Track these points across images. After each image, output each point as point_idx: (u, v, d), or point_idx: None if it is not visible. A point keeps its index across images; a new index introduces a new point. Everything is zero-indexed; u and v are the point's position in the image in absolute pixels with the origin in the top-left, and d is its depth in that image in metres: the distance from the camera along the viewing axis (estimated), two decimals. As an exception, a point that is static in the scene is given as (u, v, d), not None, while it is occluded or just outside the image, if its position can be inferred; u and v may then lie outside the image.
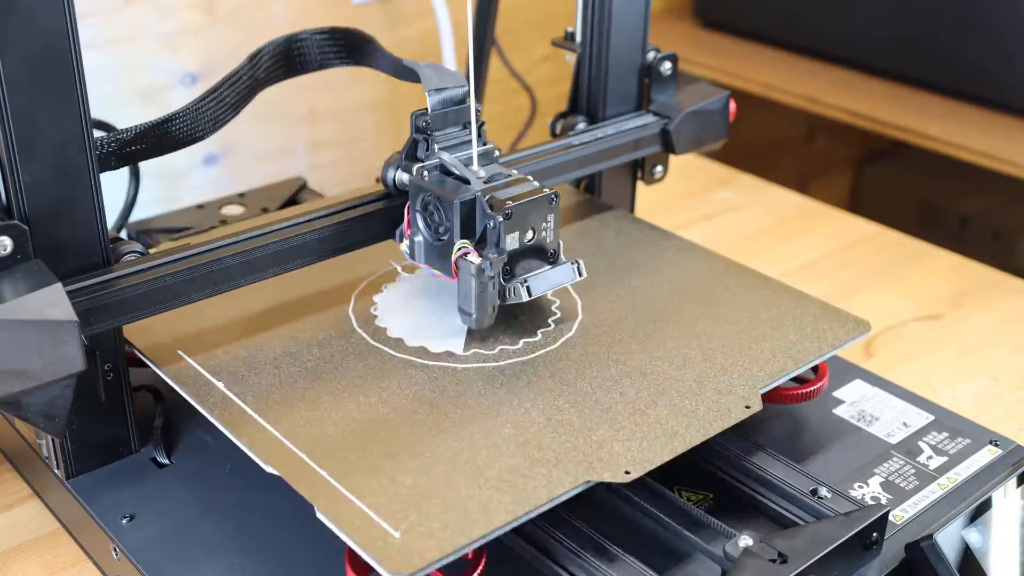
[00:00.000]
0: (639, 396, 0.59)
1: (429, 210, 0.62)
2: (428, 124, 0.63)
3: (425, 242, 0.63)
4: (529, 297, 0.61)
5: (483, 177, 0.62)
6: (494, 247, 0.60)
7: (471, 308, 0.60)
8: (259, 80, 0.68)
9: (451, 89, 0.64)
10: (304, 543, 0.57)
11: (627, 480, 0.52)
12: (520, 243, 0.61)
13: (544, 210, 0.62)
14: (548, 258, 0.63)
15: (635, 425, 0.56)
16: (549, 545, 0.56)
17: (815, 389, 0.66)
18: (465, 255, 0.60)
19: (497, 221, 0.60)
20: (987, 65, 1.24)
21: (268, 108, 1.01)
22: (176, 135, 0.64)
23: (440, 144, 0.64)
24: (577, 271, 0.63)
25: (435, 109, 0.64)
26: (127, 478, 0.62)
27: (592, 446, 0.54)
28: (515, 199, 0.60)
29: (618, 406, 0.58)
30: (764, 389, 0.59)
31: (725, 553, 0.53)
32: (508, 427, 0.56)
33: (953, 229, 1.44)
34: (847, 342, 0.64)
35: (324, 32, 0.70)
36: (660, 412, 0.57)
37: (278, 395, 0.58)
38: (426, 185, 0.62)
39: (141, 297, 0.58)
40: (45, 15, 0.52)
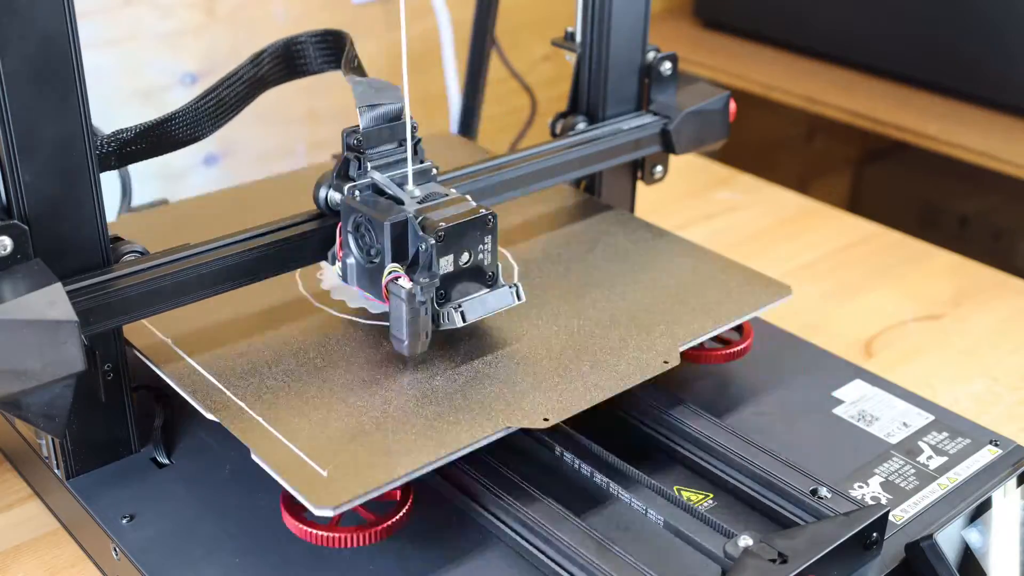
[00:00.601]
0: (564, 353, 0.61)
1: (361, 231, 0.60)
2: (360, 142, 0.61)
3: (357, 264, 0.61)
4: (463, 323, 0.60)
5: (418, 197, 0.60)
6: (426, 271, 0.58)
7: (403, 335, 0.58)
8: (260, 81, 0.68)
9: (386, 105, 0.62)
10: (304, 543, 0.57)
11: (545, 427, 0.56)
12: (455, 266, 0.59)
13: (481, 231, 0.60)
14: (486, 281, 0.61)
15: (558, 378, 0.59)
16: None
17: (739, 350, 0.69)
18: (396, 279, 0.57)
19: (429, 243, 0.57)
20: (987, 65, 1.24)
21: (268, 108, 1.01)
22: (176, 135, 0.64)
23: (374, 162, 0.61)
24: (516, 295, 0.62)
25: (368, 126, 0.61)
26: (127, 478, 0.62)
27: (515, 396, 0.58)
28: (448, 220, 0.58)
29: (543, 361, 0.61)
30: (684, 346, 0.62)
31: (725, 553, 0.53)
32: (438, 379, 0.59)
33: (953, 229, 1.44)
34: (768, 305, 0.67)
35: (317, 35, 0.70)
36: (582, 367, 0.60)
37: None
38: (357, 206, 0.60)
39: (141, 297, 0.58)
40: (45, 15, 0.52)
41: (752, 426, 0.66)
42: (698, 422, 0.63)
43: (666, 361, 0.61)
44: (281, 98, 0.79)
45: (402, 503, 0.55)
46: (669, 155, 0.81)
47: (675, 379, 0.69)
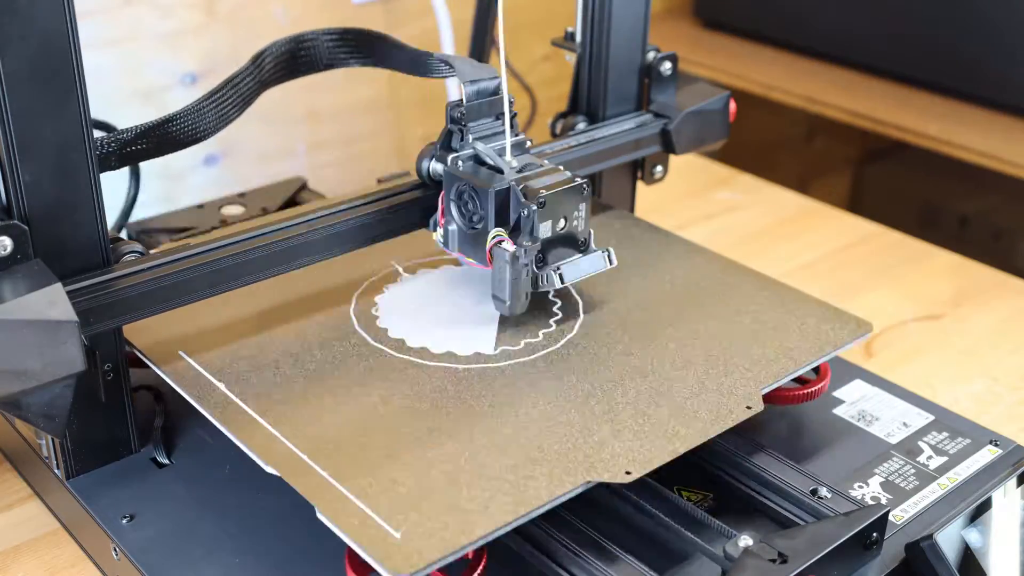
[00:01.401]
0: (640, 397, 0.59)
1: (464, 199, 0.63)
2: (463, 115, 0.64)
3: (459, 231, 0.64)
4: (562, 284, 0.62)
5: (516, 167, 0.63)
6: (528, 235, 0.61)
7: (505, 295, 0.61)
8: (263, 81, 0.68)
9: (485, 81, 0.65)
10: (304, 543, 0.57)
11: (628, 480, 0.52)
12: (552, 231, 0.62)
13: (576, 199, 0.62)
14: (579, 246, 0.64)
15: (637, 425, 0.56)
16: (549, 544, 0.56)
17: (816, 390, 0.65)
18: (500, 243, 0.61)
19: (531, 209, 0.61)
20: (987, 65, 1.24)
21: (269, 108, 1.01)
22: (177, 135, 0.64)
23: (474, 134, 0.65)
24: (607, 259, 0.64)
25: (470, 100, 0.64)
26: (127, 478, 0.62)
27: (593, 446, 0.54)
28: (548, 188, 0.61)
29: (619, 407, 0.58)
30: (765, 390, 0.59)
31: (725, 553, 0.53)
32: (508, 428, 0.56)
33: (953, 229, 1.44)
34: (848, 343, 0.64)
35: (334, 33, 0.70)
36: (661, 413, 0.57)
37: (279, 395, 0.58)
38: (461, 174, 0.63)
39: (141, 297, 0.58)
40: (45, 15, 0.52)
41: (752, 426, 0.66)
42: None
43: (749, 407, 0.58)
44: (281, 98, 0.79)
45: (475, 563, 0.52)
46: (669, 155, 0.81)
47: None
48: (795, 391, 0.65)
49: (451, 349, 0.62)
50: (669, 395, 0.59)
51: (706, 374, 0.61)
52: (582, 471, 0.53)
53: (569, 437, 0.55)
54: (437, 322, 0.65)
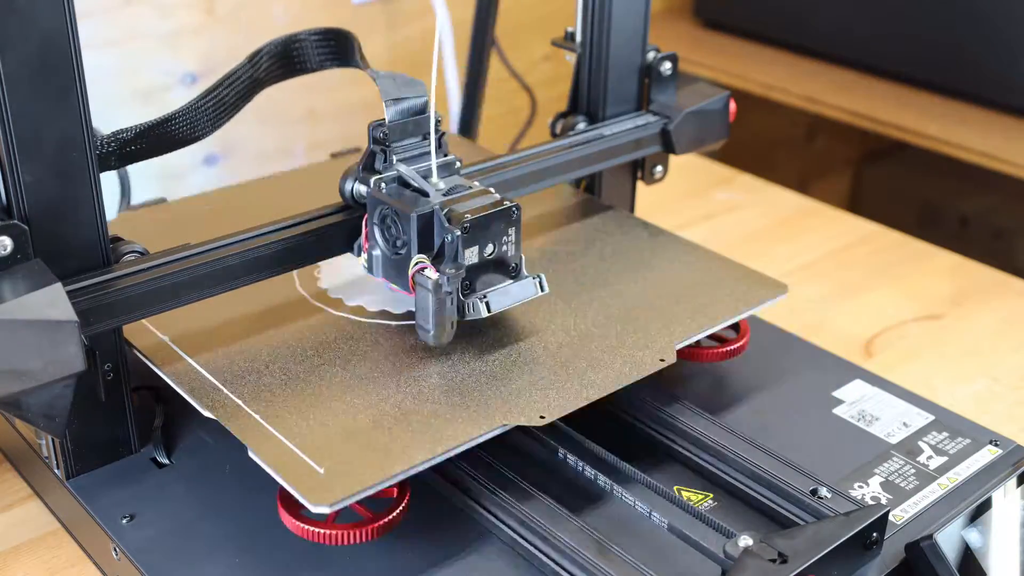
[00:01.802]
0: (561, 350, 0.62)
1: (387, 223, 0.61)
2: (386, 135, 0.62)
3: (383, 256, 0.62)
4: (488, 313, 0.60)
5: (443, 189, 0.61)
6: (452, 262, 0.59)
7: (429, 324, 0.59)
8: (259, 80, 0.68)
9: (411, 99, 0.63)
10: (304, 542, 0.57)
11: (541, 424, 0.56)
12: (480, 257, 0.60)
13: (505, 223, 0.60)
14: (510, 272, 0.62)
15: (554, 376, 0.59)
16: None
17: (736, 348, 0.69)
18: (422, 270, 0.58)
19: (455, 235, 0.59)
20: (987, 65, 1.24)
21: (268, 108, 1.01)
22: (176, 135, 0.64)
23: (399, 155, 0.62)
24: (539, 286, 0.63)
25: (393, 120, 0.62)
26: (127, 478, 0.62)
27: (512, 394, 0.58)
28: (474, 212, 0.59)
29: (539, 359, 0.61)
30: (680, 344, 0.63)
31: (725, 553, 0.53)
32: (435, 376, 0.59)
33: (953, 229, 1.44)
34: (764, 303, 0.67)
35: (318, 33, 0.70)
36: (579, 364, 0.60)
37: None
38: (383, 198, 0.61)
39: (141, 297, 0.58)
40: (45, 15, 0.52)
41: (752, 426, 0.66)
42: (698, 422, 0.63)
43: (662, 359, 0.61)
44: (281, 98, 0.79)
45: (399, 500, 0.55)
46: (669, 155, 0.81)
47: (673, 378, 0.69)
48: (715, 349, 0.68)
49: (386, 308, 0.66)
50: (588, 349, 0.62)
51: (624, 330, 0.64)
52: (499, 415, 0.56)
53: (490, 386, 0.58)
54: (374, 286, 0.67)
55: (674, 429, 0.64)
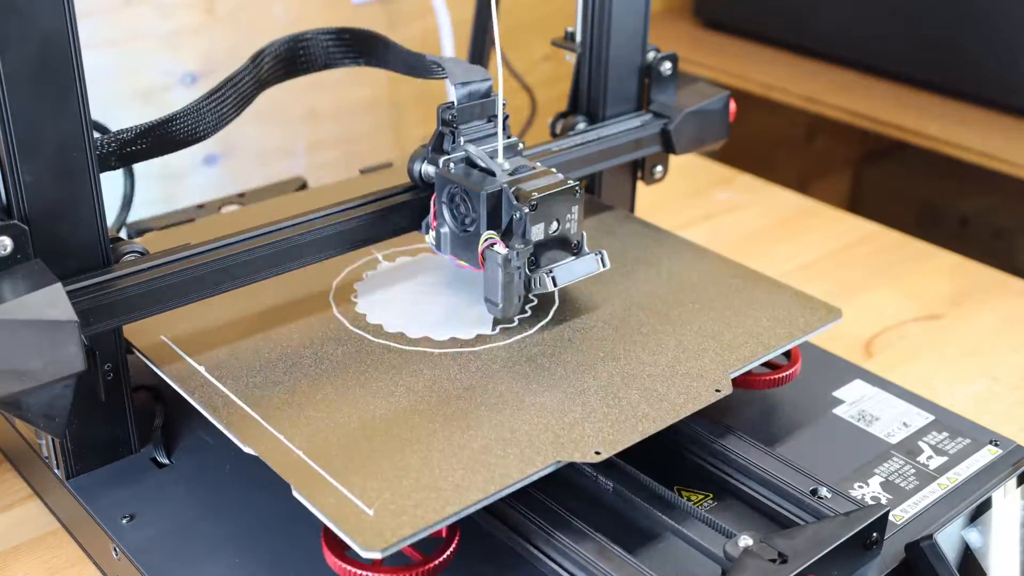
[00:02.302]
0: (611, 380, 0.59)
1: (456, 202, 0.63)
2: (454, 117, 0.64)
3: (451, 233, 0.64)
4: (555, 287, 0.62)
5: (508, 169, 0.63)
6: (520, 238, 0.61)
7: (498, 298, 0.61)
8: (262, 80, 0.68)
9: (476, 83, 0.65)
10: (304, 542, 0.57)
11: (597, 460, 0.53)
12: (545, 234, 0.62)
13: (568, 202, 0.62)
14: (572, 249, 0.64)
15: (607, 408, 0.57)
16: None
17: (788, 375, 0.67)
18: (492, 246, 0.61)
19: (523, 212, 0.60)
20: (987, 65, 1.24)
21: (268, 108, 1.01)
22: (177, 135, 0.64)
23: (466, 137, 0.64)
24: (601, 262, 0.64)
25: (461, 102, 0.64)
26: (127, 478, 0.62)
27: (564, 427, 0.55)
28: (540, 191, 0.61)
29: (591, 390, 0.59)
30: (735, 373, 0.60)
31: (725, 553, 0.53)
32: (482, 409, 0.57)
33: (953, 229, 1.44)
34: (818, 329, 0.65)
35: (331, 32, 0.70)
36: (631, 395, 0.58)
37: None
38: (453, 177, 0.63)
39: (141, 297, 0.58)
40: (45, 15, 0.52)
41: (752, 426, 0.66)
42: (698, 422, 0.63)
43: (718, 390, 0.59)
44: (281, 98, 0.79)
45: (448, 541, 0.53)
46: (669, 155, 0.81)
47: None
48: (767, 376, 0.66)
49: (427, 334, 0.63)
50: (639, 378, 0.60)
51: (676, 359, 0.62)
52: (552, 451, 0.54)
53: (541, 419, 0.56)
54: (415, 308, 0.66)
55: (674, 429, 0.64)
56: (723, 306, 0.67)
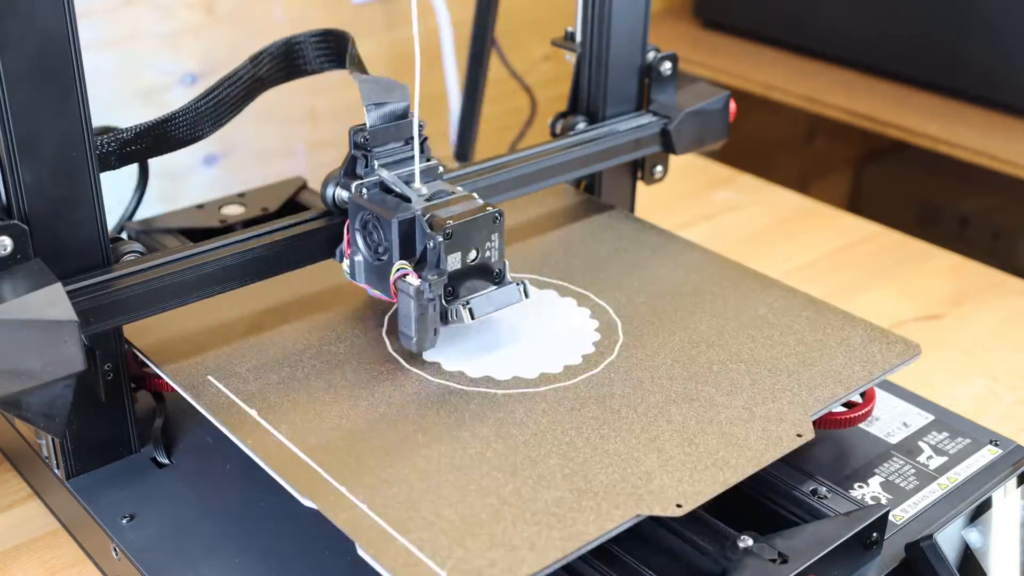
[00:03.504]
0: (687, 424, 0.56)
1: (368, 229, 0.60)
2: (367, 140, 0.61)
3: (365, 262, 0.61)
4: (472, 319, 0.59)
5: (425, 194, 0.60)
6: (434, 268, 0.58)
7: (411, 331, 0.58)
8: (260, 80, 0.68)
9: (392, 103, 0.62)
10: (304, 542, 0.57)
11: (679, 514, 0.50)
12: (463, 263, 0.59)
13: (488, 229, 0.59)
14: (493, 278, 0.61)
15: (684, 455, 0.54)
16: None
17: (863, 414, 0.64)
18: (404, 276, 0.57)
19: (437, 241, 0.57)
20: (987, 65, 1.24)
21: (268, 108, 1.01)
22: (176, 135, 0.64)
23: (381, 160, 0.61)
24: (523, 292, 0.61)
25: (374, 124, 0.61)
26: (127, 478, 0.62)
27: (641, 477, 0.52)
28: (456, 218, 0.58)
29: (665, 435, 0.55)
30: (815, 415, 0.57)
31: (725, 553, 0.53)
32: (553, 457, 0.54)
33: (953, 229, 1.44)
34: (898, 366, 0.62)
35: (318, 35, 0.70)
36: (709, 441, 0.55)
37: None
38: (364, 203, 0.60)
39: (141, 297, 0.58)
40: (45, 15, 0.52)
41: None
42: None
43: (800, 434, 0.56)
44: (281, 98, 0.79)
45: None
46: (669, 155, 0.81)
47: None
48: (842, 415, 0.63)
49: (488, 373, 0.60)
50: (716, 422, 0.56)
51: (752, 399, 0.58)
52: (631, 504, 0.50)
53: (616, 467, 0.53)
54: (471, 344, 0.63)
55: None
56: (795, 341, 0.63)
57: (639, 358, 0.62)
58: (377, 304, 0.66)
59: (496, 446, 0.54)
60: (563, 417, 0.57)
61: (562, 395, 0.59)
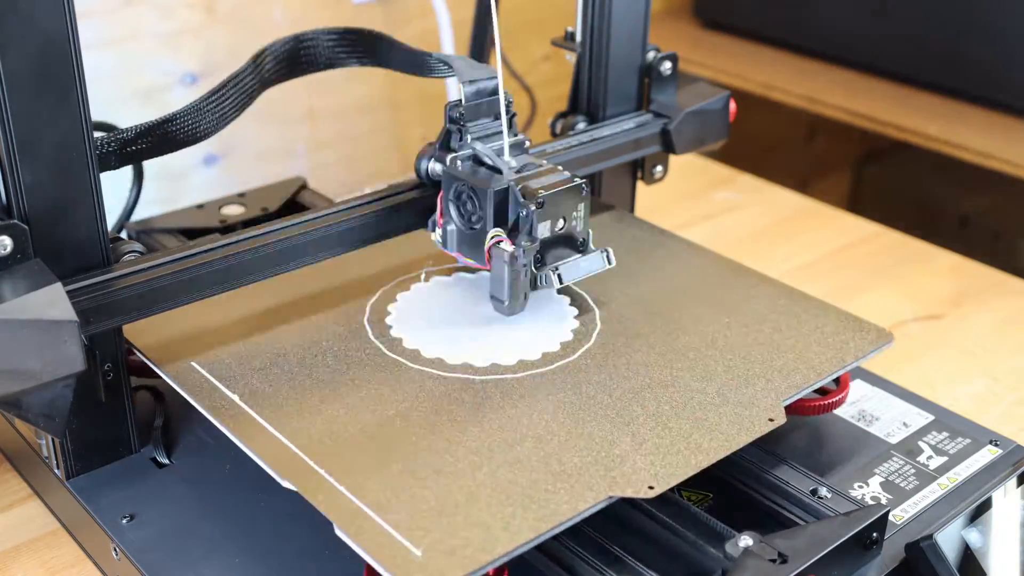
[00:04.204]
0: (660, 409, 0.57)
1: (462, 199, 0.63)
2: (462, 115, 0.64)
3: (458, 231, 0.64)
4: (560, 284, 0.62)
5: (515, 167, 0.63)
6: (526, 235, 0.61)
7: (504, 295, 0.61)
8: (263, 80, 0.68)
9: (483, 81, 0.65)
10: (304, 542, 0.57)
11: (651, 495, 0.51)
12: (551, 232, 0.62)
13: (575, 199, 0.62)
14: (578, 247, 0.64)
15: (658, 438, 0.55)
16: (549, 548, 0.56)
17: (836, 401, 0.65)
18: (498, 243, 0.61)
19: (530, 210, 0.61)
20: (987, 65, 1.24)
21: (268, 108, 1.01)
22: (178, 135, 0.64)
23: (473, 135, 0.64)
24: (607, 259, 0.64)
25: (469, 100, 0.64)
26: (127, 478, 0.62)
27: (614, 460, 0.53)
28: (547, 188, 0.61)
29: (640, 419, 0.57)
30: (787, 401, 0.58)
31: (725, 553, 0.53)
32: (529, 441, 0.55)
33: (953, 229, 1.44)
34: (870, 353, 0.63)
35: (335, 32, 0.70)
36: (682, 425, 0.56)
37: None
38: (460, 175, 0.63)
39: (141, 297, 0.58)
40: (45, 15, 0.52)
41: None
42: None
43: (771, 419, 0.57)
44: (281, 98, 0.79)
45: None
46: (669, 155, 0.81)
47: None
48: (815, 402, 0.64)
49: (467, 360, 0.61)
50: (690, 407, 0.58)
51: (726, 385, 0.59)
52: (604, 486, 0.52)
53: (590, 450, 0.54)
54: (452, 332, 0.64)
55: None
56: (770, 329, 0.65)
57: (616, 345, 0.63)
58: (368, 297, 0.67)
59: (473, 430, 0.56)
60: (539, 402, 0.58)
61: (539, 381, 0.60)
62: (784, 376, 0.60)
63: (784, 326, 0.65)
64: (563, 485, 0.52)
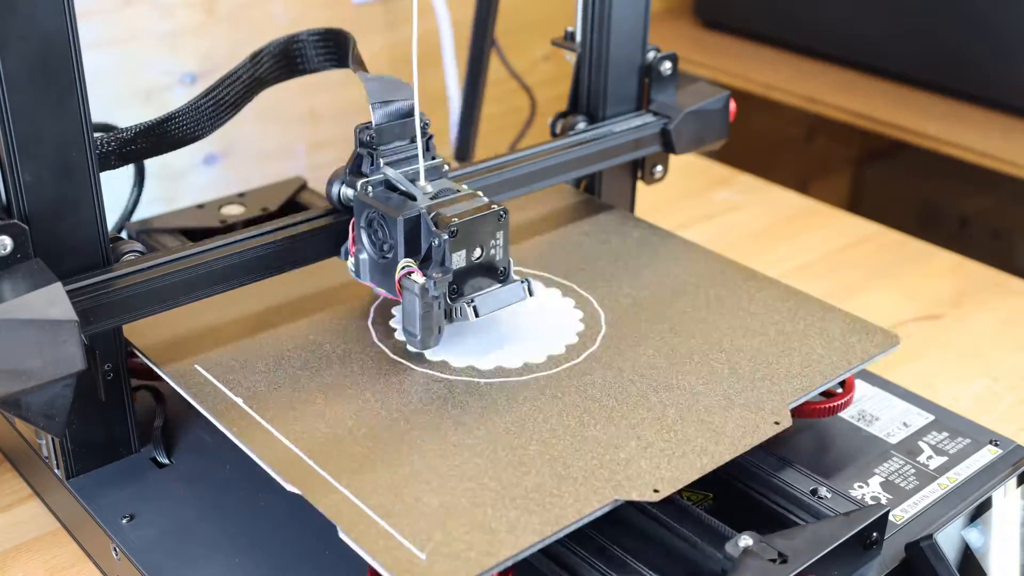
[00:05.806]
0: (666, 412, 0.57)
1: (373, 227, 0.61)
2: (372, 138, 0.61)
3: (370, 259, 0.61)
4: (476, 317, 0.59)
5: (430, 193, 0.60)
6: (439, 266, 0.58)
7: (415, 329, 0.58)
8: (260, 79, 0.68)
9: (398, 102, 0.62)
10: (304, 542, 0.57)
11: (656, 499, 0.51)
12: (467, 261, 0.59)
13: (492, 227, 0.60)
14: (498, 276, 0.61)
15: (663, 442, 0.55)
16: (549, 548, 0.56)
17: (842, 403, 0.64)
18: (408, 274, 0.58)
19: (442, 239, 0.58)
20: (987, 65, 1.24)
21: (268, 108, 1.01)
22: (176, 134, 0.64)
23: (386, 159, 0.61)
24: (527, 290, 0.62)
25: (380, 123, 0.61)
26: (127, 478, 0.62)
27: (619, 463, 0.53)
28: (461, 216, 0.58)
29: (645, 422, 0.56)
30: (793, 404, 0.58)
31: (725, 553, 0.53)
32: (534, 444, 0.55)
33: (953, 229, 1.44)
34: (876, 356, 0.62)
35: (318, 33, 0.70)
36: (688, 429, 0.56)
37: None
38: (370, 201, 0.60)
39: (141, 297, 0.58)
40: (45, 15, 0.52)
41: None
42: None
43: (777, 422, 0.56)
44: (281, 98, 0.79)
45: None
46: (669, 155, 0.81)
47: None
48: (821, 404, 0.64)
49: (472, 363, 0.61)
50: (695, 410, 0.57)
51: (732, 388, 0.59)
52: (609, 489, 0.51)
53: (595, 454, 0.54)
54: (456, 335, 0.63)
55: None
56: (775, 331, 0.64)
57: (621, 348, 0.63)
58: (372, 298, 0.67)
59: (477, 433, 0.55)
60: (544, 405, 0.58)
61: (544, 384, 0.59)
62: (790, 379, 0.60)
63: (789, 328, 0.65)
64: (568, 488, 0.51)
